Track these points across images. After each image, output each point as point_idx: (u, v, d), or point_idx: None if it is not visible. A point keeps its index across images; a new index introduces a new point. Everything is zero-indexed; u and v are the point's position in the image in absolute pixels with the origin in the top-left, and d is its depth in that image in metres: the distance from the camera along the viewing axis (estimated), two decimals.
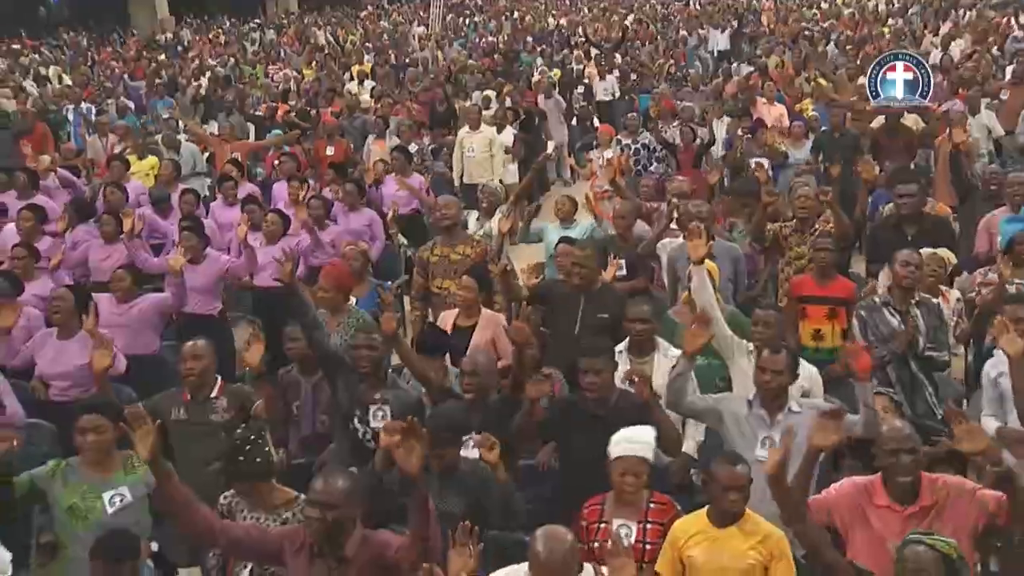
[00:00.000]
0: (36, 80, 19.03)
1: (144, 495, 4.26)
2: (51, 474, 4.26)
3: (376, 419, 4.89)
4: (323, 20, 30.10)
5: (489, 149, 11.17)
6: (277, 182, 9.74)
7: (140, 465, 4.24)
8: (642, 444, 4.05)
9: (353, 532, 3.48)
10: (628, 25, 22.99)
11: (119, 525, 4.04)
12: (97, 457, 4.24)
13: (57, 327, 6.00)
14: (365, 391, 4.94)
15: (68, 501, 4.20)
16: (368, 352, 4.97)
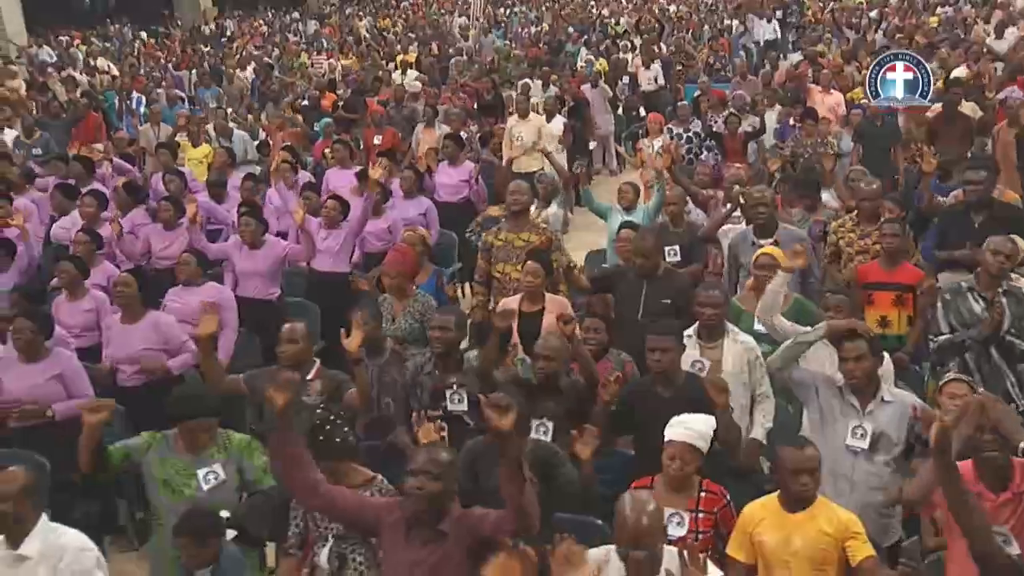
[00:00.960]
0: (86, 71, 19.24)
1: (236, 474, 4.30)
2: (146, 447, 4.31)
3: (454, 402, 4.91)
4: (363, 10, 30.15)
5: (538, 137, 11.16)
6: (330, 169, 9.78)
7: (232, 445, 4.29)
8: (694, 432, 4.05)
9: (450, 507, 3.48)
10: (671, 14, 22.84)
11: (212, 502, 4.09)
12: (204, 441, 4.30)
13: (121, 312, 6.08)
14: (442, 374, 4.96)
15: (163, 475, 4.25)
16: (442, 334, 4.99)
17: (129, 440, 4.31)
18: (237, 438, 4.36)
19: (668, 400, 4.43)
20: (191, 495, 4.19)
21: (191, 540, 3.86)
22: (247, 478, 4.33)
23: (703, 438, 4.01)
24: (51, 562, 3.65)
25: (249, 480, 4.33)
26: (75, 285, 6.41)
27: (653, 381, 4.67)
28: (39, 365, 5.46)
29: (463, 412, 4.92)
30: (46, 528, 3.71)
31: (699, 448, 4.00)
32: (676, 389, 4.57)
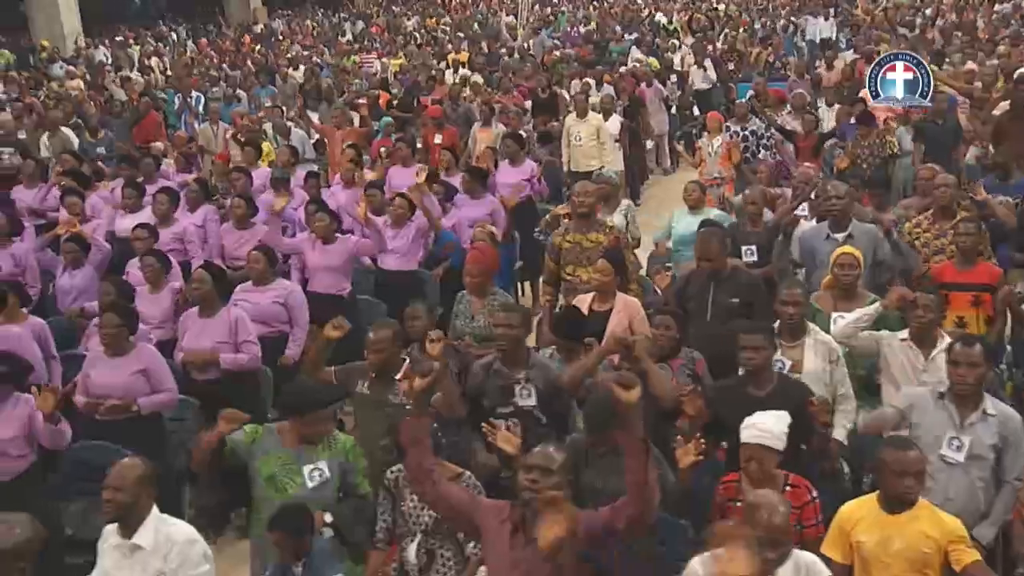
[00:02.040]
0: (141, 70, 19.53)
1: (338, 473, 4.33)
2: (250, 441, 4.35)
3: (523, 397, 4.95)
4: (410, 10, 30.29)
5: (596, 137, 11.18)
6: (392, 167, 9.84)
7: (338, 445, 4.34)
8: (769, 433, 4.04)
9: (565, 506, 3.48)
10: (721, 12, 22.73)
11: (314, 499, 4.13)
12: (316, 438, 4.33)
13: (199, 306, 6.18)
14: (509, 371, 5.00)
15: (268, 470, 4.27)
16: (507, 331, 5.02)
17: (234, 434, 4.36)
18: (343, 439, 4.39)
19: (761, 400, 4.42)
20: (295, 492, 4.21)
21: (285, 535, 3.92)
22: (347, 480, 4.36)
23: (777, 436, 4.02)
24: (162, 552, 3.72)
25: (349, 482, 4.36)
26: (157, 278, 6.52)
27: (742, 381, 4.67)
28: (124, 359, 5.56)
29: (532, 407, 4.95)
30: (157, 519, 3.78)
31: (774, 447, 4.01)
32: (769, 388, 4.56)
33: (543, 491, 3.42)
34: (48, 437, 4.94)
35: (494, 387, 4.99)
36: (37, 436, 4.95)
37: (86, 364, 5.71)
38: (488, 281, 6.17)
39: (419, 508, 4.17)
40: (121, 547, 3.75)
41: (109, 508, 3.70)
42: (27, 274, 7.41)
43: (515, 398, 4.95)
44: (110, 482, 3.71)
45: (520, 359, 5.00)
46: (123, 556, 3.74)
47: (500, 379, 4.99)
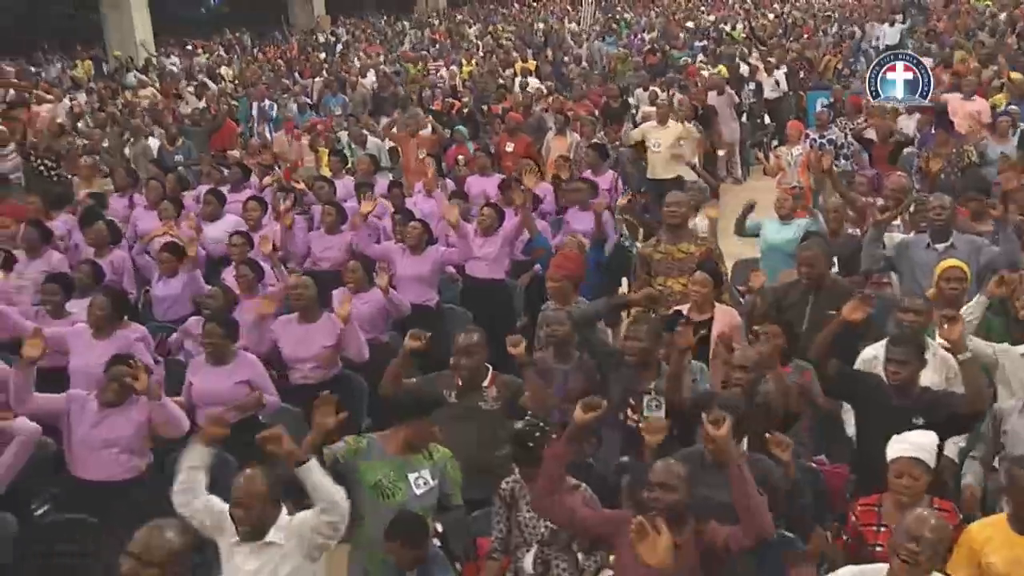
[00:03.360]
0: (211, 78, 19.80)
1: (438, 483, 4.35)
2: (352, 451, 4.37)
3: (651, 408, 4.94)
4: (473, 17, 30.44)
5: (676, 144, 11.15)
6: (471, 176, 9.90)
7: (437, 456, 4.37)
8: (919, 446, 3.99)
9: (687, 518, 3.50)
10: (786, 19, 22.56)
11: (420, 507, 4.18)
12: (420, 446, 4.37)
13: (299, 313, 6.26)
14: (637, 381, 5.00)
15: (373, 478, 4.29)
16: (637, 343, 5.02)
17: (335, 445, 4.38)
18: (441, 451, 4.41)
19: (902, 410, 4.38)
20: (402, 499, 4.24)
21: (402, 543, 3.95)
22: (444, 490, 4.37)
23: (926, 451, 3.97)
24: (294, 540, 3.78)
25: (445, 494, 4.37)
26: (252, 287, 6.63)
27: (887, 394, 4.61)
28: (227, 368, 5.67)
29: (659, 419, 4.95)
30: (286, 519, 3.84)
31: (926, 462, 3.95)
32: (911, 402, 4.51)
33: (667, 506, 3.43)
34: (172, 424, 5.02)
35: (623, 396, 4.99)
36: (160, 428, 5.05)
37: (189, 372, 5.82)
38: (572, 288, 6.16)
39: (535, 518, 4.19)
40: (252, 546, 3.80)
41: (242, 525, 3.75)
42: (124, 281, 7.56)
43: (642, 407, 4.95)
44: (238, 499, 3.76)
45: (650, 370, 5.00)
46: (252, 553, 3.79)
47: (631, 388, 4.99)
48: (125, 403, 5.05)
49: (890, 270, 6.60)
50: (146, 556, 3.26)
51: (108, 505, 4.89)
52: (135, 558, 3.27)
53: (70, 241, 8.30)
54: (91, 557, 4.76)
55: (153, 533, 3.32)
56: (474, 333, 5.15)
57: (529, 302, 8.01)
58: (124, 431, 5.02)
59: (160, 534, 3.31)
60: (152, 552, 3.24)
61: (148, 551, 3.24)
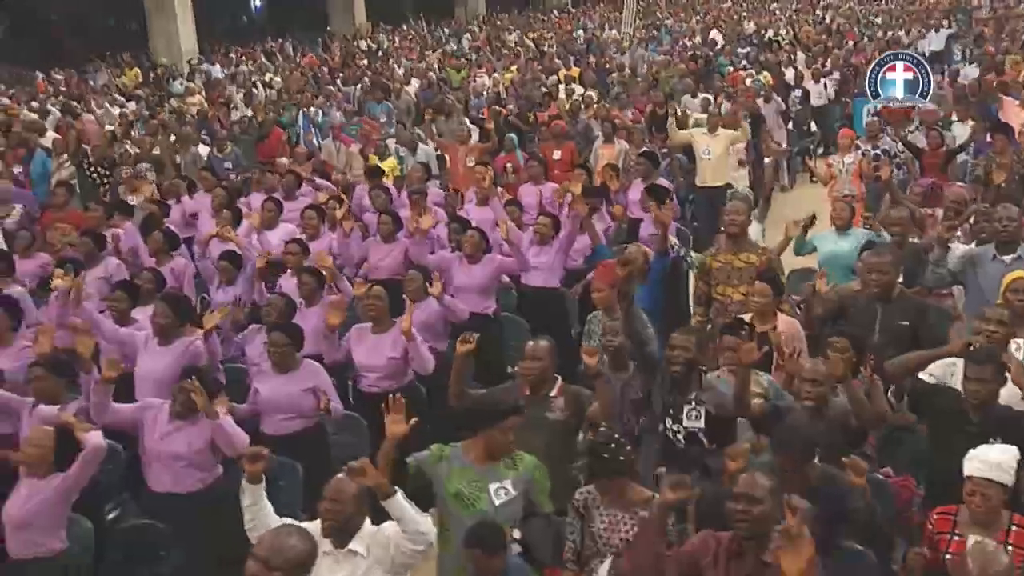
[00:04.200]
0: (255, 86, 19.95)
1: (523, 491, 4.35)
2: (436, 460, 4.41)
3: (691, 419, 4.94)
4: (513, 24, 30.50)
5: (726, 152, 11.12)
6: (523, 185, 9.92)
7: (523, 465, 4.38)
8: (994, 465, 3.94)
9: (772, 533, 3.48)
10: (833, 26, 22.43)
11: (500, 517, 4.19)
12: (498, 454, 4.38)
13: (372, 323, 6.32)
14: (678, 392, 5.00)
15: (454, 487, 4.33)
16: (683, 353, 5.02)
17: (419, 453, 4.44)
18: (528, 459, 4.42)
19: (976, 424, 4.35)
20: (482, 508, 4.27)
21: (481, 553, 3.97)
22: (530, 499, 4.37)
23: (1004, 470, 3.92)
24: (378, 553, 3.81)
25: (532, 502, 4.38)
26: (314, 295, 6.69)
27: (964, 412, 4.57)
28: (292, 376, 5.72)
29: (699, 429, 4.95)
30: (370, 529, 3.87)
31: (1000, 482, 3.91)
32: (985, 418, 4.48)
33: (753, 519, 3.42)
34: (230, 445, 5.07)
35: (666, 405, 4.99)
36: (220, 446, 5.10)
37: (254, 379, 5.88)
38: (617, 297, 6.13)
39: (609, 530, 4.20)
40: (334, 554, 3.84)
41: (328, 520, 3.79)
42: (184, 288, 7.64)
43: (682, 417, 4.95)
44: (329, 495, 3.80)
45: (692, 381, 5.00)
46: (335, 562, 3.83)
47: (672, 398, 4.99)
48: (194, 416, 5.10)
49: (955, 284, 6.54)
50: (272, 560, 3.28)
51: (176, 514, 4.96)
52: (261, 561, 3.29)
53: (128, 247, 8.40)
54: (164, 563, 4.84)
55: (279, 538, 3.35)
56: (542, 340, 5.17)
57: (583, 311, 8.03)
58: (191, 445, 5.08)
59: (286, 539, 3.34)
60: (277, 556, 3.27)
61: (274, 555, 3.27)
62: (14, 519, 4.47)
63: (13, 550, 4.46)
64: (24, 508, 4.44)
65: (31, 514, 4.44)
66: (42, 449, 4.49)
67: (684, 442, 4.91)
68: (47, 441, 4.51)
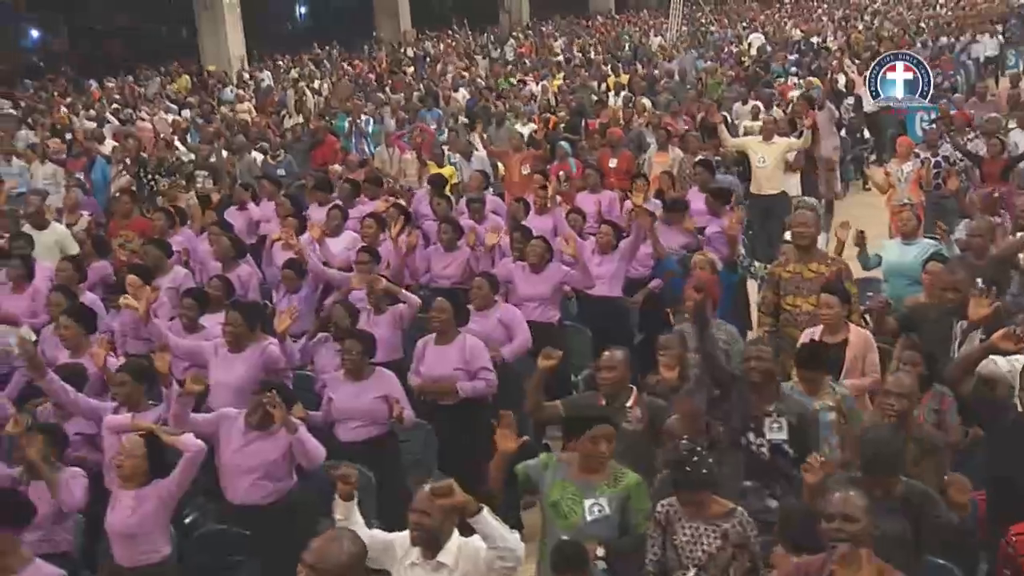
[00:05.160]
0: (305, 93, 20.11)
1: (619, 510, 4.34)
2: (543, 467, 4.45)
3: (772, 431, 4.92)
4: (557, 30, 30.52)
5: (781, 160, 11.06)
6: (580, 193, 9.93)
7: (622, 482, 4.37)
8: None
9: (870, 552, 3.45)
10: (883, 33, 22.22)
11: (591, 534, 4.20)
12: (595, 465, 4.39)
13: (436, 334, 6.31)
14: (758, 403, 4.98)
15: (553, 497, 4.37)
16: (759, 364, 5.00)
17: (529, 461, 4.49)
18: (631, 478, 4.41)
19: None
20: (575, 522, 4.28)
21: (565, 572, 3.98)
22: (627, 519, 4.36)
23: None
24: (466, 567, 3.81)
25: (629, 521, 4.37)
26: (382, 304, 6.74)
27: None
28: (365, 383, 5.77)
29: (782, 441, 4.92)
30: (460, 540, 3.89)
31: None
32: None
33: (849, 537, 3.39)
34: (307, 456, 5.12)
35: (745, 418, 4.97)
36: (297, 457, 5.15)
37: (328, 387, 5.93)
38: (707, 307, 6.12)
39: (692, 542, 4.19)
40: (423, 565, 3.86)
41: (417, 531, 3.82)
42: (249, 295, 7.72)
43: (764, 430, 4.93)
44: (418, 506, 3.83)
45: (771, 392, 4.98)
46: (425, 572, 3.85)
47: (750, 410, 4.97)
48: (269, 428, 5.14)
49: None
50: (320, 565, 3.31)
51: (252, 524, 5.01)
52: (309, 567, 3.32)
53: (193, 255, 8.51)
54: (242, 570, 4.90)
55: (328, 543, 3.37)
56: (618, 350, 5.18)
57: (645, 320, 8.04)
58: (267, 457, 5.12)
59: (335, 545, 3.36)
60: (326, 562, 3.30)
61: (323, 560, 3.30)
62: (120, 531, 4.53)
63: (121, 559, 4.53)
64: (129, 520, 4.51)
65: (137, 525, 4.51)
66: (136, 459, 4.55)
67: (768, 454, 4.89)
68: (139, 451, 4.56)
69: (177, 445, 4.58)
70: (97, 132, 14.46)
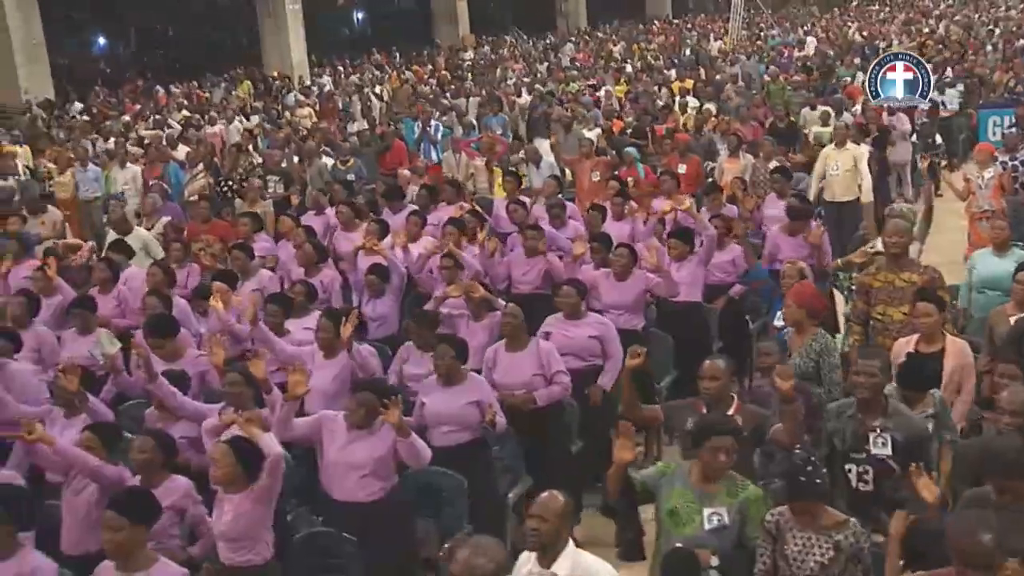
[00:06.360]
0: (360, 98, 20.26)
1: (738, 521, 4.31)
2: (660, 474, 4.47)
3: (877, 446, 4.87)
4: (617, 36, 30.48)
5: (854, 167, 10.95)
6: (656, 199, 9.90)
7: (743, 493, 4.35)
8: None
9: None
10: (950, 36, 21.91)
11: (708, 543, 4.19)
12: (714, 475, 4.38)
13: (507, 340, 6.33)
14: (864, 419, 4.93)
15: (671, 504, 4.37)
16: (867, 380, 4.94)
17: (645, 469, 4.52)
18: (752, 490, 4.39)
19: None
20: (692, 531, 4.28)
21: None
22: (744, 530, 4.33)
23: None
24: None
25: (746, 533, 4.34)
26: (481, 310, 6.78)
27: None
28: (458, 389, 5.79)
29: (887, 456, 4.87)
30: (574, 552, 3.91)
31: None
32: None
33: None
34: (417, 457, 5.18)
35: (848, 432, 4.93)
36: (406, 458, 5.19)
37: (420, 393, 5.96)
38: (809, 319, 6.08)
39: (803, 552, 4.15)
40: (539, 573, 3.88)
41: (534, 537, 3.84)
42: (332, 300, 7.80)
43: (868, 445, 4.88)
44: (536, 512, 3.85)
45: (877, 407, 4.93)
46: None
47: (855, 425, 4.92)
48: (372, 427, 5.19)
49: None
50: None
51: (354, 522, 5.05)
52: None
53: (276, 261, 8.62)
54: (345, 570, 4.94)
55: (473, 556, 3.41)
56: (719, 359, 5.15)
57: (724, 326, 7.99)
58: (370, 455, 5.15)
59: (478, 558, 3.40)
60: (474, 573, 3.34)
61: (468, 573, 3.33)
62: (224, 533, 4.61)
63: (226, 559, 4.60)
64: (231, 523, 4.58)
65: (238, 528, 4.57)
66: (225, 467, 4.61)
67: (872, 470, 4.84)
68: (227, 458, 4.61)
69: (259, 443, 4.63)
70: (171, 138, 14.70)
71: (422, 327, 6.49)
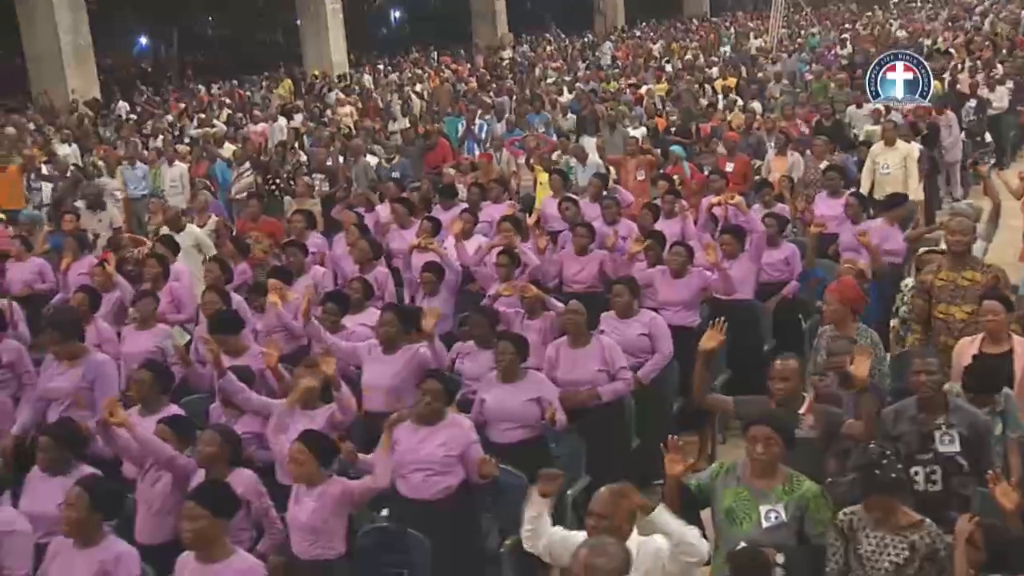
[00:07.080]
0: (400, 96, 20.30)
1: (796, 517, 4.28)
2: (714, 475, 4.45)
3: (943, 443, 4.82)
4: (656, 34, 30.35)
5: (904, 165, 10.84)
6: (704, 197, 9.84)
7: (799, 490, 4.32)
8: None
9: None
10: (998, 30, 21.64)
11: (766, 540, 4.16)
12: (765, 468, 4.36)
13: (569, 337, 6.33)
14: (926, 418, 4.88)
15: (727, 503, 4.35)
16: (928, 377, 4.90)
17: (699, 473, 4.50)
18: (807, 486, 4.35)
19: None
20: (749, 529, 4.26)
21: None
22: (805, 528, 4.30)
23: None
24: (646, 565, 3.82)
25: (807, 531, 4.31)
26: (535, 308, 6.78)
27: None
28: (518, 386, 5.80)
29: (955, 453, 4.82)
30: (638, 540, 3.89)
31: None
32: None
33: None
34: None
35: (912, 433, 4.88)
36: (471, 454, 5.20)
37: (480, 389, 5.97)
38: (849, 315, 6.03)
39: (877, 552, 4.12)
40: None
41: (596, 532, 3.83)
42: (385, 297, 7.83)
43: (935, 444, 4.83)
44: (596, 509, 3.85)
45: (939, 404, 4.88)
46: None
47: (918, 425, 4.88)
48: (438, 423, 5.20)
49: None
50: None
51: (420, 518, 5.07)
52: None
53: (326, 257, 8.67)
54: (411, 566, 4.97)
55: (591, 556, 3.41)
56: (791, 358, 5.10)
57: (778, 324, 7.94)
58: (436, 453, 5.16)
59: (597, 558, 3.40)
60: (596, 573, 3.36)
61: (590, 572, 3.36)
62: (301, 525, 4.65)
63: (299, 551, 4.64)
64: (311, 516, 4.62)
65: (318, 521, 4.61)
66: (303, 467, 4.64)
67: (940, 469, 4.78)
68: (303, 455, 4.64)
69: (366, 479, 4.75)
70: (218, 136, 14.82)
71: (483, 321, 6.49)
